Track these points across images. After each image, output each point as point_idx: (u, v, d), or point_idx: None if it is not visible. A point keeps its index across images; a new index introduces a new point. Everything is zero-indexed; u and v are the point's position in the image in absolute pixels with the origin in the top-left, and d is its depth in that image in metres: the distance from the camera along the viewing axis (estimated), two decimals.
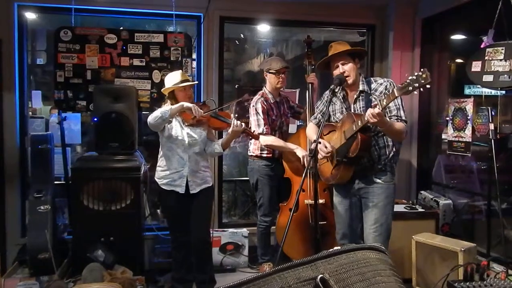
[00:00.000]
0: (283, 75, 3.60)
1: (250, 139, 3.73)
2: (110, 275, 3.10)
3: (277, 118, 3.64)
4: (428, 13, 4.16)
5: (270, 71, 3.59)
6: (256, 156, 3.66)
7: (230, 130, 3.06)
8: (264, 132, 3.48)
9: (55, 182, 3.72)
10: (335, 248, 0.72)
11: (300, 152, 3.42)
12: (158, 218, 4.31)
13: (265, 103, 3.57)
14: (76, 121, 3.97)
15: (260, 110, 3.53)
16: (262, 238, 3.78)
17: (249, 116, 4.28)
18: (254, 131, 3.32)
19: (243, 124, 3.06)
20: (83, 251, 3.26)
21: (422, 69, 2.26)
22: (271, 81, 3.62)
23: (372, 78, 2.90)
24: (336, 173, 2.82)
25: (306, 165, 3.26)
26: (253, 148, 3.68)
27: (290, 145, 3.51)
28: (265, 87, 3.70)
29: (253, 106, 3.60)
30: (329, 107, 2.84)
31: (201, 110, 3.00)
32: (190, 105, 2.97)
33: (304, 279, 0.64)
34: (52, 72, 3.85)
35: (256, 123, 3.54)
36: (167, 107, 3.02)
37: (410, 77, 2.28)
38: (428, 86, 2.25)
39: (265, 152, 3.62)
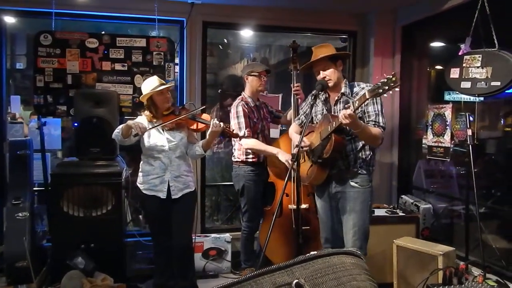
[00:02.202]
0: (265, 78, 3.61)
1: (234, 144, 3.72)
2: (90, 282, 3.05)
3: (258, 121, 3.63)
4: (408, 20, 4.25)
5: (253, 73, 3.57)
6: (242, 161, 3.60)
7: (209, 130, 3.05)
8: (246, 135, 3.45)
9: (34, 189, 3.65)
10: (312, 253, 0.72)
11: (282, 156, 3.38)
12: (140, 224, 4.27)
13: (246, 106, 3.55)
14: (56, 126, 3.91)
15: (241, 113, 3.50)
16: (245, 244, 3.76)
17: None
18: (233, 130, 3.28)
19: (221, 124, 3.04)
20: (63, 259, 3.20)
21: (392, 73, 2.32)
22: (252, 84, 3.59)
23: (356, 83, 2.94)
24: (311, 173, 2.86)
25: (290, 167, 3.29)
26: (238, 153, 3.63)
27: (272, 149, 3.49)
28: (244, 92, 3.68)
29: (234, 109, 3.57)
30: (312, 110, 2.87)
31: (145, 126, 2.93)
32: (131, 123, 2.89)
33: (280, 284, 0.65)
34: (32, 76, 3.78)
35: (238, 126, 3.49)
36: (118, 128, 2.98)
37: (381, 80, 2.34)
38: (397, 89, 2.33)
39: (251, 157, 3.57)
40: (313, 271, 0.66)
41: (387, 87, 2.31)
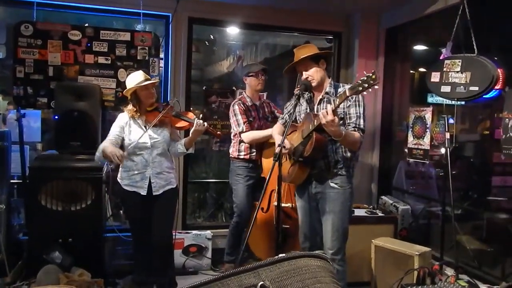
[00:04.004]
0: (262, 77, 3.74)
1: (234, 141, 3.81)
2: (66, 277, 3.01)
3: (255, 120, 3.75)
4: (392, 23, 4.30)
5: (250, 74, 3.74)
6: (234, 157, 3.79)
7: (192, 129, 3.05)
8: (244, 130, 3.64)
9: (12, 181, 3.59)
10: (280, 255, 0.74)
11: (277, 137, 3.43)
12: (121, 219, 4.23)
13: (242, 105, 3.71)
14: (36, 118, 3.85)
15: (237, 111, 3.69)
16: (229, 238, 3.82)
17: (216, 117, 4.43)
18: (218, 132, 3.31)
19: (205, 123, 3.06)
20: (39, 253, 3.15)
21: (372, 71, 2.34)
22: (251, 84, 3.76)
23: (341, 84, 2.95)
24: (292, 172, 2.88)
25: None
26: (232, 150, 3.81)
27: (268, 132, 3.54)
28: (244, 92, 3.86)
29: (231, 108, 3.77)
30: (295, 110, 2.89)
31: (122, 153, 2.83)
32: (109, 152, 2.82)
33: (246, 286, 0.66)
34: (11, 66, 3.71)
35: (236, 123, 3.69)
36: (98, 152, 2.94)
37: (361, 78, 2.35)
38: (376, 87, 2.34)
39: (242, 154, 3.74)
40: (279, 274, 0.67)
41: (366, 85, 2.32)
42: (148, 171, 3.07)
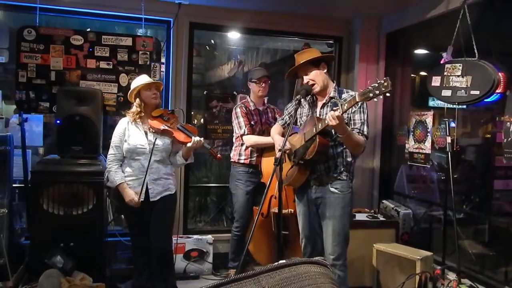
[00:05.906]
0: (263, 84, 3.78)
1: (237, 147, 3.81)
2: (68, 282, 3.01)
3: (257, 124, 3.78)
4: (392, 28, 4.31)
5: (252, 80, 3.78)
6: (235, 162, 3.81)
7: (188, 144, 3.07)
8: (246, 133, 3.68)
9: (14, 185, 3.60)
10: (280, 262, 0.74)
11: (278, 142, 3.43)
12: (122, 224, 4.23)
13: (244, 108, 3.76)
14: (38, 123, 3.86)
15: (239, 114, 3.74)
16: (232, 243, 3.83)
17: (217, 122, 4.45)
18: (216, 151, 3.30)
19: (201, 140, 3.10)
20: (41, 257, 3.15)
21: (384, 78, 2.32)
22: (253, 89, 3.82)
23: (345, 89, 2.96)
24: (291, 174, 2.86)
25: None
26: (233, 154, 3.84)
27: (269, 139, 3.49)
28: (249, 96, 3.92)
29: (233, 111, 3.82)
30: (296, 112, 2.90)
31: (137, 201, 3.02)
32: (128, 200, 3.03)
33: None
34: (14, 71, 3.72)
35: (238, 126, 3.73)
36: (112, 181, 3.08)
37: (372, 84, 2.33)
38: (388, 94, 2.31)
39: (243, 158, 3.75)
40: (279, 280, 0.68)
41: (378, 92, 2.29)
42: (146, 177, 3.07)
